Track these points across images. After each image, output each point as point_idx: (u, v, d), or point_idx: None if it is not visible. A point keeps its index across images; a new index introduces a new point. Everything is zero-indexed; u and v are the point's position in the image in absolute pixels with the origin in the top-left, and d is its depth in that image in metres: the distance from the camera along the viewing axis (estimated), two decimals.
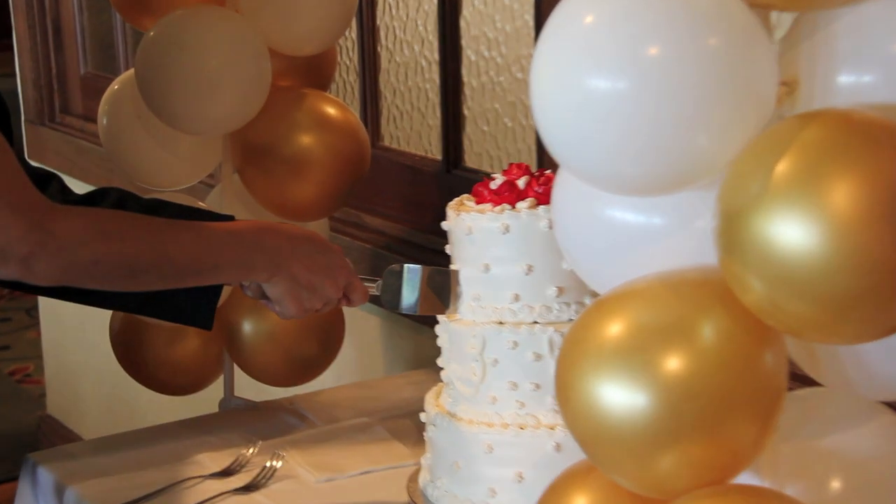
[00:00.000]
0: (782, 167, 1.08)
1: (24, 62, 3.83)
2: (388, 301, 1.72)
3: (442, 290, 1.71)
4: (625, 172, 1.16)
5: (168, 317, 1.76)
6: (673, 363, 1.13)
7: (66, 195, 1.69)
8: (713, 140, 1.14)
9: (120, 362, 2.23)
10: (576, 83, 1.14)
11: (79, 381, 3.86)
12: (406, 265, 1.72)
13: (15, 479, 1.95)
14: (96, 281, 1.51)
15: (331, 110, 2.09)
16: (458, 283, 1.71)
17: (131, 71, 2.07)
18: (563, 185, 1.30)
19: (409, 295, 1.72)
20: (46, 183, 1.68)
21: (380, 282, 1.72)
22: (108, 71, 3.62)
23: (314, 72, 2.18)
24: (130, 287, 1.55)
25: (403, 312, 1.73)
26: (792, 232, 1.07)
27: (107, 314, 2.24)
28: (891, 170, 1.06)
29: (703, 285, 1.17)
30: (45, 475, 1.90)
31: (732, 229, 1.11)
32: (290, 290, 1.64)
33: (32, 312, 4.38)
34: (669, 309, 1.16)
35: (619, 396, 1.14)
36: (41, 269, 1.41)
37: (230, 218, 1.71)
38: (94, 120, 2.34)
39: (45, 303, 3.92)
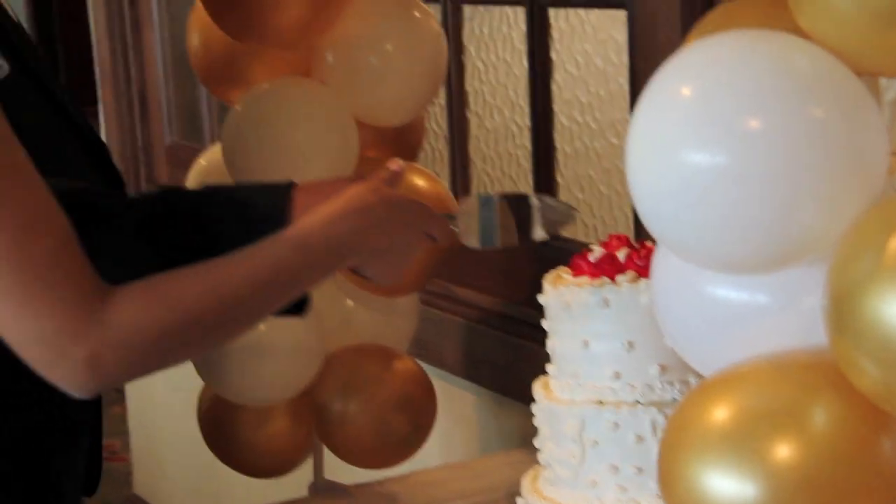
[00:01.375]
0: None
1: (110, 132, 3.90)
2: (467, 238, 1.63)
3: (523, 220, 1.63)
4: (726, 250, 1.16)
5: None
6: (783, 451, 1.12)
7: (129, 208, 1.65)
8: (820, 216, 1.13)
9: (207, 443, 2.24)
10: (673, 158, 1.14)
11: (166, 459, 3.89)
12: (478, 194, 1.65)
13: None
14: (169, 356, 1.39)
15: (419, 182, 2.10)
16: (537, 211, 1.62)
17: (218, 145, 2.10)
18: (663, 259, 1.30)
19: (487, 228, 1.62)
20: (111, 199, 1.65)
21: (455, 219, 1.63)
22: (193, 141, 3.68)
23: (402, 141, 2.19)
24: (214, 345, 1.50)
25: (482, 248, 1.66)
26: None
27: (195, 391, 2.25)
28: None
29: (814, 368, 1.15)
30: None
31: (843, 309, 1.09)
32: (378, 262, 1.56)
33: (119, 387, 4.44)
34: (778, 393, 1.15)
35: (727, 486, 1.13)
36: (110, 368, 1.31)
37: (290, 185, 1.62)
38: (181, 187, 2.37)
39: None
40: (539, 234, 1.62)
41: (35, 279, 1.25)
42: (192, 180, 2.20)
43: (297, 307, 1.60)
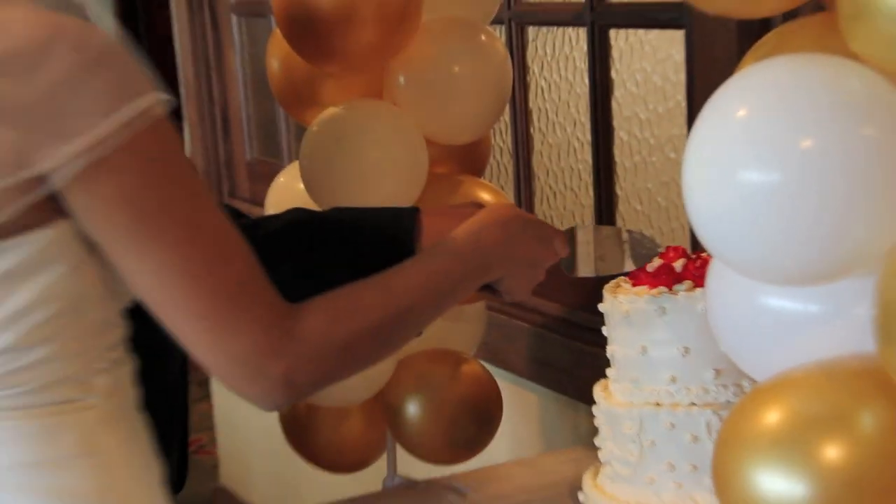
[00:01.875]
0: None
1: (195, 148, 3.95)
2: (566, 266, 1.67)
3: (617, 250, 1.67)
4: (781, 265, 1.15)
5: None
6: (833, 453, 1.11)
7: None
8: (871, 230, 1.12)
9: (288, 440, 2.26)
10: (730, 177, 1.14)
11: (250, 453, 3.92)
12: (576, 226, 1.67)
13: None
14: (353, 367, 1.42)
15: (485, 196, 2.10)
16: (629, 245, 1.67)
17: (295, 163, 2.12)
18: (717, 271, 1.30)
19: (584, 259, 1.66)
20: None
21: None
22: (271, 157, 3.71)
23: (470, 158, 2.20)
24: (389, 353, 1.50)
25: (587, 275, 1.68)
26: None
27: None
28: None
29: (863, 375, 1.15)
30: (230, 494, 1.93)
31: (892, 319, 1.08)
32: (517, 275, 1.59)
33: (204, 385, 4.48)
34: (829, 398, 1.14)
35: (778, 486, 1.13)
36: (304, 383, 1.33)
37: (416, 210, 1.65)
38: (259, 203, 2.39)
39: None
40: (629, 265, 1.64)
41: (229, 303, 1.26)
42: (272, 196, 2.22)
43: None
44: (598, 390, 1.75)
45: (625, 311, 1.69)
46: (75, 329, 1.26)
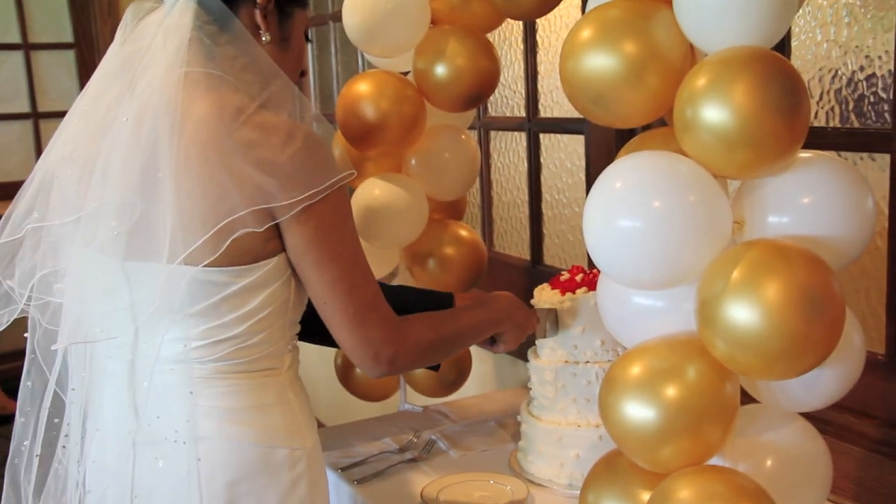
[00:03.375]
0: (736, 273, 1.07)
1: None
2: (538, 332, 1.69)
3: (549, 322, 1.68)
4: (641, 276, 1.16)
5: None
6: (670, 391, 1.13)
7: None
8: (694, 256, 1.13)
9: (341, 382, 2.24)
10: (611, 224, 1.14)
11: (317, 389, 3.89)
12: (541, 308, 1.68)
13: None
14: (428, 361, 1.42)
15: (463, 232, 2.11)
16: (556, 316, 1.68)
17: None
18: (604, 280, 1.31)
19: (547, 328, 1.68)
20: None
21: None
22: None
23: (454, 209, 2.19)
24: (447, 357, 1.49)
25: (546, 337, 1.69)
26: (742, 313, 1.05)
27: (332, 353, 2.25)
28: (801, 277, 1.05)
29: (689, 344, 1.16)
30: None
31: (706, 310, 1.10)
32: (513, 332, 1.59)
33: None
34: (668, 359, 1.15)
35: (637, 411, 1.14)
36: (401, 363, 1.31)
37: (451, 295, 1.67)
38: None
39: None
40: (552, 333, 1.68)
41: (368, 306, 1.26)
42: None
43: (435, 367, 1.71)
44: (530, 353, 1.75)
45: (547, 305, 1.70)
46: (278, 324, 1.27)
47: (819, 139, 1.62)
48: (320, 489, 1.34)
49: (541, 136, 2.45)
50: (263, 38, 1.27)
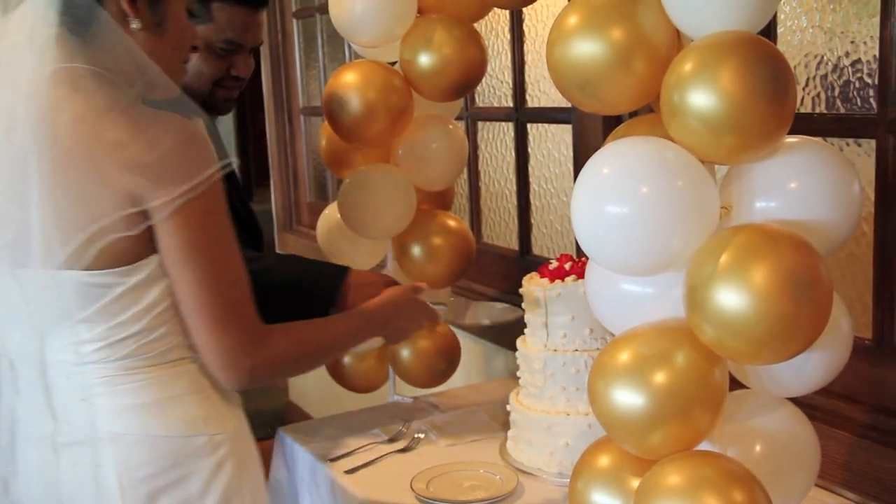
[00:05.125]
0: (724, 258, 1.07)
1: (277, 195, 3.91)
2: (446, 320, 1.75)
3: (466, 311, 1.75)
4: (629, 262, 1.16)
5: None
6: (659, 377, 1.12)
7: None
8: (682, 242, 1.13)
9: (330, 373, 2.23)
10: (599, 210, 1.14)
11: (308, 381, 3.90)
12: (455, 299, 1.77)
13: (270, 438, 1.96)
14: (293, 373, 1.40)
15: (451, 223, 2.10)
16: (481, 308, 1.75)
17: (335, 203, 2.10)
18: (592, 268, 1.31)
19: (453, 314, 1.76)
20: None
21: (443, 308, 1.73)
22: (322, 199, 3.69)
23: (442, 199, 2.18)
24: (316, 367, 1.44)
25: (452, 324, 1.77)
26: (730, 298, 1.05)
27: None
28: (788, 260, 1.04)
29: (677, 330, 1.15)
30: (288, 440, 1.92)
31: (695, 296, 1.09)
32: (397, 333, 1.60)
33: None
34: (657, 345, 1.15)
35: (627, 398, 1.14)
36: (260, 376, 1.26)
37: (346, 268, 1.67)
38: (314, 227, 2.36)
39: None
40: (485, 321, 1.73)
41: (230, 312, 1.22)
42: (321, 222, 2.20)
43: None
44: (519, 342, 1.75)
45: (535, 293, 1.69)
46: (180, 315, 1.24)
47: (805, 125, 1.62)
48: (248, 471, 1.31)
49: (528, 125, 2.44)
50: (133, 26, 1.21)
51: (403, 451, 1.81)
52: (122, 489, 1.22)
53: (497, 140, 2.61)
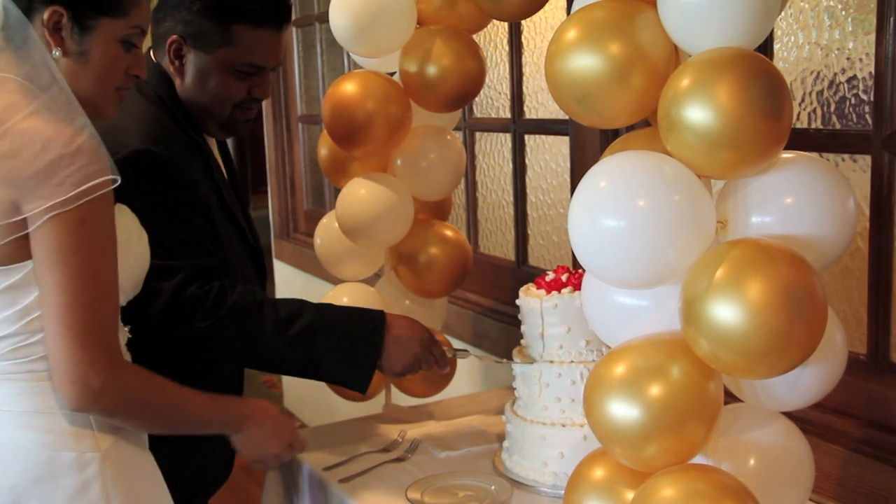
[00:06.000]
0: (719, 273, 1.07)
1: (274, 202, 3.92)
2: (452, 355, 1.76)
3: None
4: (625, 275, 1.16)
5: (334, 381, 1.69)
6: (654, 390, 1.12)
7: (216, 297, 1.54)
8: (678, 255, 1.13)
9: (329, 385, 2.23)
10: (596, 223, 1.14)
11: (304, 390, 3.89)
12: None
13: None
14: (134, 417, 1.29)
15: (448, 233, 2.10)
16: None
17: (333, 211, 2.10)
18: (589, 280, 1.31)
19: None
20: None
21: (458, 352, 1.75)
22: (319, 207, 3.69)
23: (439, 209, 2.19)
24: (158, 427, 1.36)
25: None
26: (725, 312, 1.06)
27: None
28: (783, 275, 1.05)
29: (673, 343, 1.16)
30: None
31: (690, 309, 1.10)
32: (247, 444, 1.50)
33: None
34: (652, 358, 1.15)
35: (622, 410, 1.14)
36: (106, 401, 1.22)
37: (382, 313, 1.64)
38: (311, 235, 2.37)
39: None
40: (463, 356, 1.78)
41: (89, 328, 1.20)
42: (319, 231, 2.19)
43: (363, 386, 1.64)
44: (515, 352, 1.74)
45: (533, 304, 1.69)
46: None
47: (801, 140, 1.63)
48: (121, 491, 1.27)
49: (526, 137, 2.45)
50: (54, 54, 1.23)
51: (399, 460, 1.80)
52: None
53: (495, 151, 2.62)
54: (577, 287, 1.65)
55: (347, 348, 1.61)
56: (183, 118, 1.63)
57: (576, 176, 2.16)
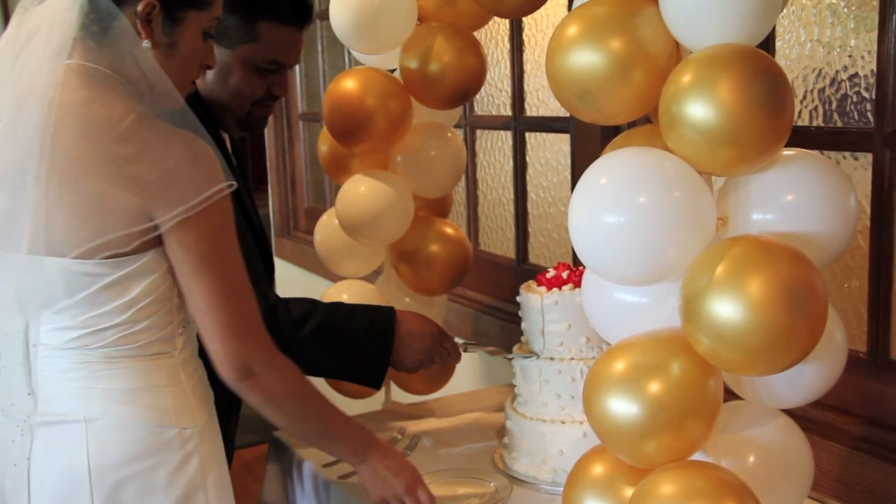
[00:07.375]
0: (720, 269, 1.07)
1: (274, 200, 3.91)
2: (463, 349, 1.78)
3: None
4: (625, 272, 1.16)
5: (348, 379, 1.74)
6: (654, 387, 1.13)
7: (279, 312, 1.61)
8: (678, 252, 1.13)
9: (329, 384, 2.22)
10: (596, 220, 1.14)
11: None
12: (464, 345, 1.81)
13: (264, 442, 1.95)
14: (286, 405, 1.34)
15: (449, 230, 2.10)
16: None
17: (333, 208, 2.10)
18: (589, 277, 1.31)
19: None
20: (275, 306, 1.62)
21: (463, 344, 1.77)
22: (320, 204, 3.69)
23: (440, 206, 2.18)
24: (298, 425, 1.40)
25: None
26: (725, 308, 1.06)
27: None
28: (784, 272, 1.05)
29: (673, 340, 1.16)
30: (282, 444, 1.91)
31: (690, 306, 1.10)
32: (372, 476, 1.50)
33: None
34: (652, 354, 1.15)
35: (621, 407, 1.14)
36: (265, 385, 1.28)
37: (392, 309, 1.65)
38: (311, 232, 2.37)
39: None
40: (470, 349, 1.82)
41: (244, 321, 1.26)
42: (319, 228, 2.19)
43: (377, 383, 1.69)
44: (515, 349, 1.74)
45: (532, 301, 1.69)
46: (164, 310, 1.28)
47: (802, 138, 1.63)
48: (214, 465, 1.33)
49: (526, 134, 2.45)
50: (143, 45, 1.25)
51: None
52: (91, 472, 1.25)
53: (495, 148, 2.61)
54: (578, 284, 1.65)
55: (360, 346, 1.63)
56: (203, 114, 1.64)
57: (576, 173, 2.16)
